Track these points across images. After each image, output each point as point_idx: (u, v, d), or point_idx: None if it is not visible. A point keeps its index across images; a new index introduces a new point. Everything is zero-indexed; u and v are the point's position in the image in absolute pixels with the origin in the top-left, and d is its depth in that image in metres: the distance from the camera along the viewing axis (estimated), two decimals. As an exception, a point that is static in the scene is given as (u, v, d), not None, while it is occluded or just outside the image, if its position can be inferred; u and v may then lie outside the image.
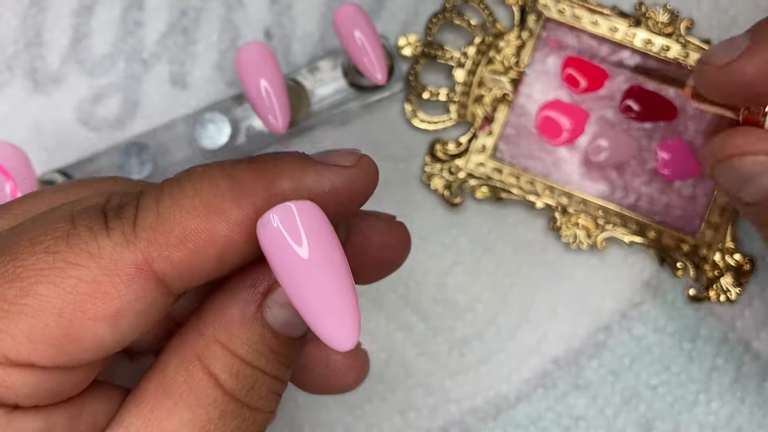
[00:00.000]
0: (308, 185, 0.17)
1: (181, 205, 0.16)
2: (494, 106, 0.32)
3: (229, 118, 0.31)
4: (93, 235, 0.16)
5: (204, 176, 0.17)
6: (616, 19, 0.31)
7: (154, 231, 0.16)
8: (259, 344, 0.18)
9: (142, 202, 0.17)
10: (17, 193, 0.27)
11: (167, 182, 0.17)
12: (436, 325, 0.32)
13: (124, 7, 0.33)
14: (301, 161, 0.17)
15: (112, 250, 0.16)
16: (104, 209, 0.17)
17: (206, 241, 0.16)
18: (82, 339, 0.16)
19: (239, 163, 0.17)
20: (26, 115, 0.33)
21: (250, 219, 0.16)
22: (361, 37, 0.27)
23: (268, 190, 0.17)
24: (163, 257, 0.16)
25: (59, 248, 0.16)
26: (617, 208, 0.31)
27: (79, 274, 0.16)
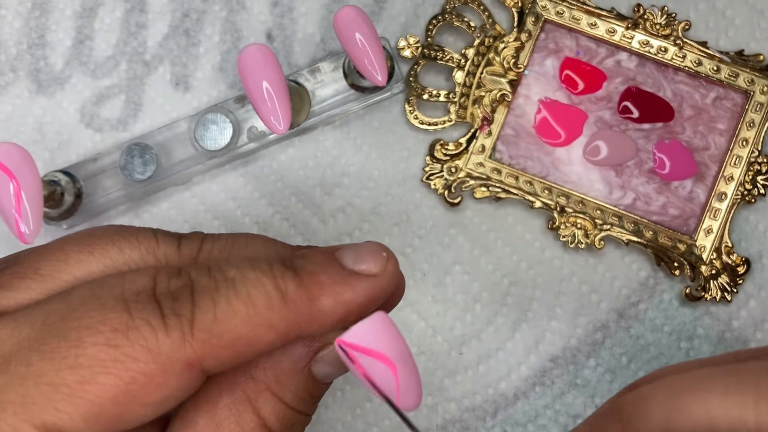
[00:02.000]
0: (345, 300, 0.19)
1: (236, 312, 0.18)
2: (493, 107, 0.32)
3: (231, 119, 0.31)
4: (153, 331, 0.17)
5: (258, 285, 0.18)
6: (614, 21, 0.32)
7: (210, 334, 0.18)
8: (304, 392, 0.20)
9: (198, 299, 0.18)
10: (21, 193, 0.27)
11: (221, 279, 0.18)
12: (435, 324, 0.32)
13: (126, 9, 0.33)
14: (338, 275, 0.19)
15: (170, 349, 0.17)
16: (157, 298, 0.18)
17: (251, 346, 0.18)
18: (128, 420, 0.18)
19: (286, 274, 0.19)
20: (29, 116, 0.33)
21: (292, 330, 0.19)
22: (362, 38, 0.27)
23: (312, 307, 0.19)
24: (212, 357, 0.18)
25: (119, 342, 0.17)
26: (615, 208, 0.31)
27: (138, 368, 0.17)
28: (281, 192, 0.33)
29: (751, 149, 0.31)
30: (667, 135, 0.32)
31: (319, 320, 0.19)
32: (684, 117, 0.32)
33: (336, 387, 0.32)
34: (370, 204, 0.32)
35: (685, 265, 0.31)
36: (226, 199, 0.33)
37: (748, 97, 0.31)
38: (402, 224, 0.32)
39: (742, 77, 0.31)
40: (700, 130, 0.32)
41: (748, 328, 0.31)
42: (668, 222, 0.32)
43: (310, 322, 0.19)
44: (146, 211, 0.32)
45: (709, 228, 0.31)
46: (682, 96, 0.32)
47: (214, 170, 0.32)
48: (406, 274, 0.32)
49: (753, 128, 0.31)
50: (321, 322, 0.19)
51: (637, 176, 0.32)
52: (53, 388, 0.17)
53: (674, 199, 0.32)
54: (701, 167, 0.32)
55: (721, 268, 0.31)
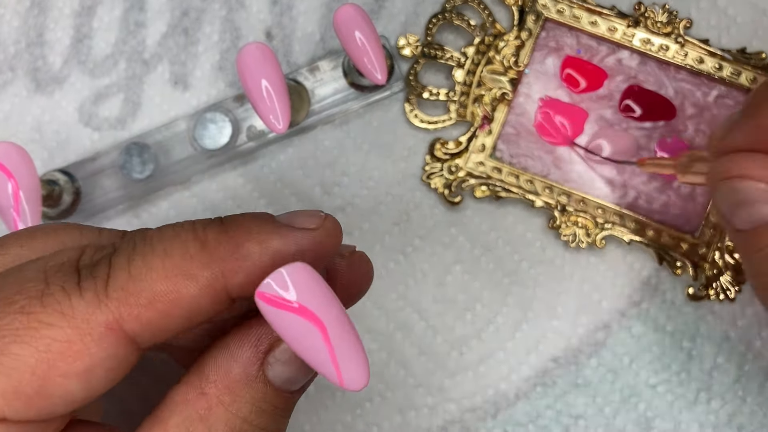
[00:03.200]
0: (274, 248, 0.18)
1: (152, 266, 0.17)
2: (494, 105, 0.32)
3: (230, 119, 0.31)
4: (66, 295, 0.17)
5: (175, 238, 0.17)
6: (614, 19, 0.32)
7: (125, 291, 0.17)
8: (262, 402, 0.18)
9: (114, 260, 0.17)
10: (19, 192, 0.27)
11: (140, 240, 0.18)
12: (435, 324, 0.32)
13: (125, 8, 0.33)
14: (267, 225, 0.18)
15: (84, 310, 0.17)
16: (78, 267, 0.17)
17: (174, 302, 0.17)
18: (53, 395, 0.17)
19: (209, 226, 0.18)
20: (28, 115, 0.33)
21: (217, 281, 0.17)
22: (361, 37, 0.27)
23: (236, 252, 0.17)
24: (132, 317, 0.17)
25: (33, 308, 0.16)
26: (616, 207, 0.31)
27: (53, 334, 0.16)
28: (280, 191, 0.32)
29: (753, 148, 0.31)
30: (668, 133, 0.32)
31: (245, 269, 0.17)
32: (686, 115, 0.32)
33: (336, 387, 0.32)
34: (370, 203, 0.32)
35: (688, 264, 0.31)
36: (225, 199, 0.32)
37: (750, 95, 0.31)
38: (402, 224, 0.32)
39: (744, 75, 0.31)
40: (702, 128, 0.32)
41: (752, 327, 0.31)
42: (670, 221, 0.31)
43: (236, 272, 0.17)
44: (145, 211, 0.32)
45: (712, 227, 0.31)
46: (684, 94, 0.32)
47: (213, 169, 0.32)
48: (406, 273, 0.32)
49: (755, 126, 0.31)
50: (247, 271, 0.17)
51: (639, 175, 0.32)
52: None
53: (676, 198, 0.32)
54: (703, 166, 0.32)
55: (723, 267, 0.31)
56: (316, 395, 0.32)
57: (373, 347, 0.32)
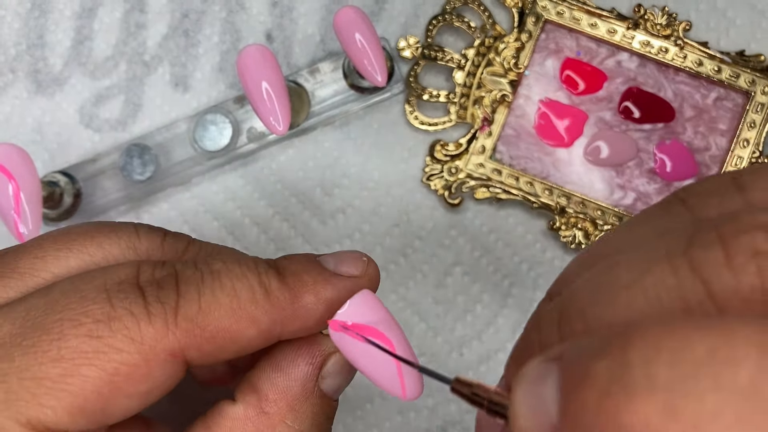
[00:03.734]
0: (328, 298, 0.19)
1: (221, 304, 0.18)
2: (494, 107, 0.32)
3: (231, 120, 0.31)
4: (135, 321, 0.17)
5: (243, 279, 0.18)
6: (614, 21, 0.32)
7: (194, 324, 0.18)
8: (320, 415, 0.20)
9: (183, 289, 0.18)
10: (20, 193, 0.27)
11: (207, 272, 0.18)
12: (436, 325, 0.32)
13: (125, 10, 0.33)
14: (320, 275, 0.19)
15: (152, 337, 0.17)
16: (140, 286, 0.18)
17: (234, 339, 0.18)
18: (113, 412, 0.17)
19: (270, 273, 0.19)
20: (29, 117, 0.33)
21: (275, 327, 0.19)
22: (362, 39, 0.27)
23: (294, 303, 0.19)
24: (195, 347, 0.18)
25: (102, 332, 0.17)
26: (615, 208, 0.31)
27: (121, 359, 0.17)
28: (281, 193, 0.32)
29: (752, 150, 0.31)
30: (667, 135, 0.32)
31: (301, 317, 0.19)
32: (685, 117, 0.32)
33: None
34: (370, 205, 0.32)
35: (686, 265, 0.31)
36: (225, 200, 0.32)
37: (749, 98, 0.31)
38: (402, 225, 0.32)
39: (743, 78, 0.31)
40: (701, 130, 0.32)
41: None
42: (669, 223, 0.31)
43: (293, 320, 0.19)
44: (146, 212, 0.32)
45: (711, 229, 0.31)
46: (683, 96, 0.32)
47: (214, 171, 0.32)
48: (406, 275, 0.32)
49: (754, 129, 0.31)
50: (303, 319, 0.19)
51: (638, 177, 0.32)
52: (36, 383, 0.17)
53: (675, 200, 0.32)
54: (702, 168, 0.32)
55: (722, 269, 0.31)
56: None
57: (373, 348, 0.32)
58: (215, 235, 0.32)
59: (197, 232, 0.32)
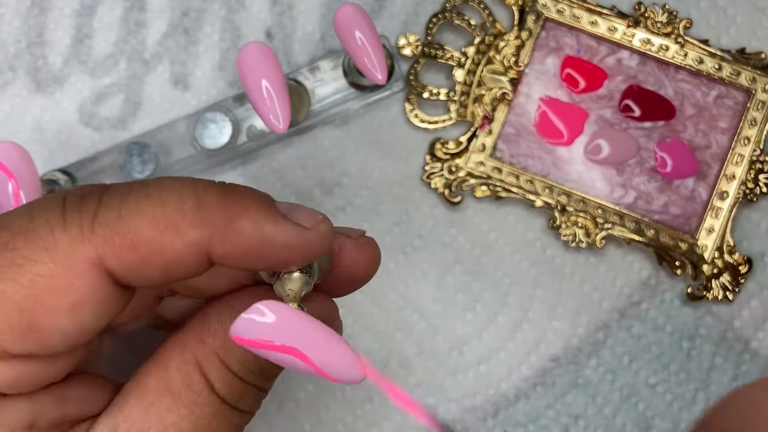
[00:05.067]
0: (266, 233, 0.17)
1: (144, 212, 0.17)
2: (494, 105, 0.32)
3: (231, 118, 0.31)
4: (50, 228, 0.17)
5: (173, 190, 0.17)
6: (614, 19, 0.32)
7: (111, 230, 0.17)
8: (252, 364, 0.19)
9: (105, 198, 0.17)
10: (19, 192, 0.27)
11: (135, 185, 0.18)
12: (436, 323, 0.32)
13: (125, 8, 0.33)
14: (266, 207, 0.18)
15: (67, 246, 0.17)
16: (65, 200, 0.17)
17: (157, 251, 0.17)
18: (44, 329, 0.17)
19: (209, 188, 0.18)
20: (28, 115, 0.33)
21: (202, 243, 0.17)
22: (362, 37, 0.27)
23: (229, 224, 0.17)
24: (115, 256, 0.17)
25: (17, 244, 0.17)
26: (616, 207, 0.31)
27: (36, 270, 0.16)
28: (281, 191, 0.32)
29: (753, 147, 0.31)
30: (668, 133, 0.32)
31: (232, 242, 0.17)
32: (685, 115, 0.32)
33: (336, 387, 0.32)
34: (370, 203, 0.32)
35: (687, 264, 0.31)
36: (225, 199, 0.32)
37: (749, 96, 0.31)
38: (402, 224, 0.32)
39: (743, 75, 0.31)
40: (701, 128, 0.32)
41: (749, 327, 0.31)
42: (670, 221, 0.31)
43: (223, 242, 0.17)
44: (145, 211, 0.32)
45: (711, 227, 0.31)
46: (684, 94, 0.32)
47: (214, 169, 0.32)
48: (406, 273, 0.32)
49: (755, 126, 0.31)
50: (234, 244, 0.17)
51: (639, 175, 0.32)
52: None
53: (676, 198, 0.32)
54: (703, 166, 0.32)
55: (722, 268, 0.31)
56: (317, 395, 0.32)
57: (373, 347, 0.32)
58: (215, 234, 0.32)
59: (197, 230, 0.32)
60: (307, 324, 0.18)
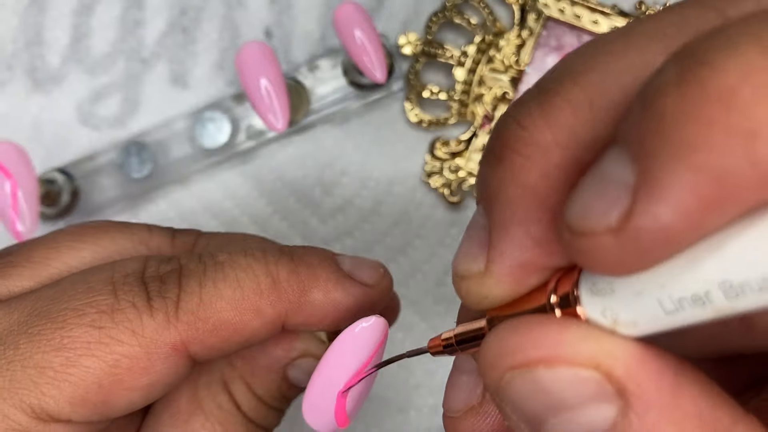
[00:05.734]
0: (336, 299, 0.19)
1: (223, 295, 0.18)
2: (494, 104, 0.32)
3: (229, 117, 0.31)
4: (137, 313, 0.17)
5: (248, 270, 0.18)
6: (616, 17, 0.31)
7: (195, 317, 0.18)
8: (276, 391, 0.20)
9: (185, 283, 0.18)
10: (17, 191, 0.27)
11: (210, 264, 0.18)
12: (436, 324, 0.32)
13: (124, 7, 0.33)
14: (333, 273, 0.19)
15: (154, 331, 0.17)
16: (145, 281, 0.18)
17: (238, 331, 0.18)
18: (116, 405, 0.17)
19: (280, 262, 0.19)
20: (26, 114, 0.33)
21: (280, 319, 0.18)
22: (361, 35, 0.27)
23: (302, 297, 0.18)
24: (197, 341, 0.18)
25: (104, 323, 0.17)
26: (617, 206, 0.31)
27: (122, 351, 0.17)
28: (280, 191, 0.32)
29: (755, 147, 0.31)
30: (670, 133, 0.32)
31: (305, 313, 0.19)
32: (687, 115, 0.32)
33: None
34: (370, 203, 0.32)
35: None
36: (224, 198, 0.32)
37: (751, 95, 0.31)
38: (402, 223, 0.32)
39: (745, 74, 0.31)
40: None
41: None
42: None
43: (297, 314, 0.18)
44: (144, 210, 0.32)
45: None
46: (685, 93, 0.32)
47: (212, 169, 0.32)
48: (406, 273, 0.32)
49: (757, 126, 0.31)
50: (307, 316, 0.19)
51: (640, 174, 0.32)
52: (39, 371, 0.17)
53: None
54: (704, 165, 0.31)
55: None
56: (316, 395, 0.31)
57: (372, 347, 0.32)
58: (214, 234, 0.32)
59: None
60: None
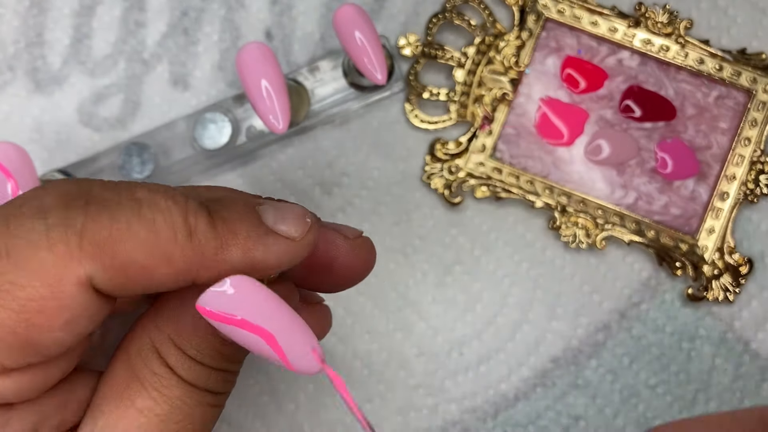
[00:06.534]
0: (254, 257, 0.18)
1: (136, 235, 0.16)
2: (494, 105, 0.32)
3: (230, 118, 0.31)
4: (33, 249, 0.16)
5: (166, 213, 0.17)
6: (615, 19, 0.32)
7: (101, 250, 0.16)
8: (209, 349, 0.19)
9: (94, 211, 0.16)
10: (18, 192, 0.27)
11: (124, 193, 0.17)
12: (435, 324, 0.32)
13: (125, 8, 0.33)
14: (254, 229, 0.18)
15: (54, 267, 0.16)
16: (44, 209, 0.16)
17: (146, 274, 0.17)
18: (41, 344, 0.16)
19: (199, 213, 0.17)
20: (28, 115, 0.33)
21: (191, 271, 0.17)
22: (361, 37, 0.27)
23: (219, 253, 0.17)
24: (104, 277, 0.16)
25: (3, 269, 0.16)
26: (616, 207, 0.31)
27: (26, 295, 0.16)
28: (280, 192, 0.32)
29: (753, 148, 0.31)
30: (669, 134, 0.32)
31: (219, 269, 0.17)
32: (686, 116, 0.32)
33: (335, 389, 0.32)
34: (370, 204, 0.32)
35: (687, 265, 0.31)
36: (225, 199, 0.32)
37: (750, 96, 0.31)
38: (402, 224, 0.32)
39: (744, 76, 0.31)
40: (702, 129, 0.32)
41: (749, 328, 0.31)
42: (670, 222, 0.31)
43: (210, 269, 0.17)
44: (145, 211, 0.32)
45: (712, 228, 0.31)
46: (684, 95, 0.32)
47: (213, 170, 0.32)
48: (406, 274, 0.32)
49: (755, 127, 0.31)
50: (221, 272, 0.17)
51: (639, 175, 0.32)
52: None
53: (676, 199, 0.32)
54: (703, 166, 0.32)
55: (723, 268, 0.31)
56: (316, 396, 0.32)
57: (373, 347, 0.32)
58: (215, 234, 0.32)
59: (196, 230, 0.32)
60: (272, 302, 0.17)
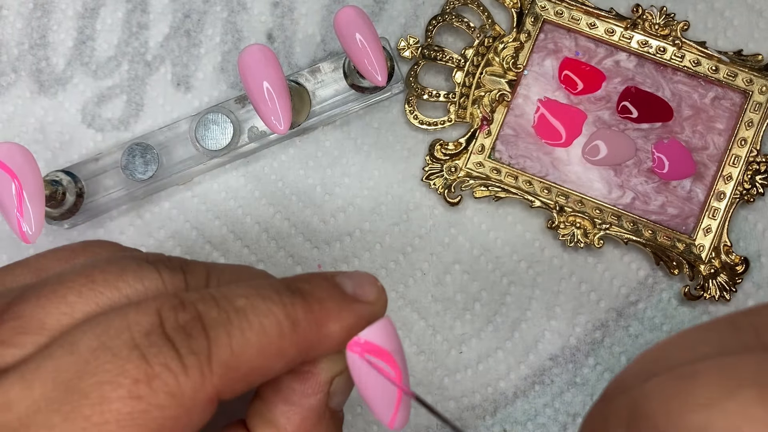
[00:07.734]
0: (349, 325, 0.20)
1: (251, 343, 0.18)
2: (493, 107, 0.32)
3: (232, 120, 0.31)
4: (173, 376, 0.17)
5: (270, 315, 0.19)
6: (613, 21, 0.32)
7: (228, 368, 0.18)
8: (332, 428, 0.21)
9: (213, 335, 0.18)
10: (23, 192, 0.27)
11: (233, 312, 0.19)
12: (435, 323, 0.32)
13: (128, 10, 0.33)
14: (342, 302, 0.20)
15: (191, 390, 0.18)
16: (169, 336, 0.18)
17: (263, 374, 0.19)
18: None
19: (296, 302, 0.19)
20: (31, 116, 0.33)
21: (300, 356, 0.19)
22: (362, 39, 0.28)
23: (320, 332, 0.19)
24: (230, 389, 0.18)
25: (142, 392, 0.17)
26: (614, 207, 0.32)
27: (164, 415, 0.17)
28: (282, 192, 0.33)
29: (749, 149, 0.31)
30: (665, 135, 0.32)
31: (324, 345, 0.20)
32: (683, 117, 0.32)
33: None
34: (370, 204, 0.33)
35: (684, 264, 0.31)
36: (227, 199, 0.33)
37: (746, 97, 0.32)
38: (402, 224, 0.32)
39: (740, 77, 0.32)
40: (698, 129, 0.32)
41: (746, 327, 0.32)
42: (667, 221, 0.32)
43: (317, 347, 0.19)
44: (147, 211, 0.33)
45: (708, 227, 0.31)
46: (681, 96, 0.32)
47: (215, 170, 0.33)
48: (405, 273, 0.32)
49: (751, 128, 0.31)
50: (326, 346, 0.20)
51: (636, 176, 0.32)
52: None
53: (673, 199, 0.32)
54: (700, 167, 0.32)
55: (719, 268, 0.31)
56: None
57: (373, 346, 0.32)
58: (217, 234, 0.32)
59: (199, 230, 0.32)
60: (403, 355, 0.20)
